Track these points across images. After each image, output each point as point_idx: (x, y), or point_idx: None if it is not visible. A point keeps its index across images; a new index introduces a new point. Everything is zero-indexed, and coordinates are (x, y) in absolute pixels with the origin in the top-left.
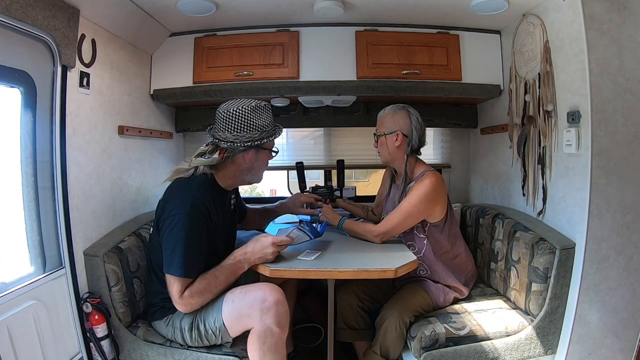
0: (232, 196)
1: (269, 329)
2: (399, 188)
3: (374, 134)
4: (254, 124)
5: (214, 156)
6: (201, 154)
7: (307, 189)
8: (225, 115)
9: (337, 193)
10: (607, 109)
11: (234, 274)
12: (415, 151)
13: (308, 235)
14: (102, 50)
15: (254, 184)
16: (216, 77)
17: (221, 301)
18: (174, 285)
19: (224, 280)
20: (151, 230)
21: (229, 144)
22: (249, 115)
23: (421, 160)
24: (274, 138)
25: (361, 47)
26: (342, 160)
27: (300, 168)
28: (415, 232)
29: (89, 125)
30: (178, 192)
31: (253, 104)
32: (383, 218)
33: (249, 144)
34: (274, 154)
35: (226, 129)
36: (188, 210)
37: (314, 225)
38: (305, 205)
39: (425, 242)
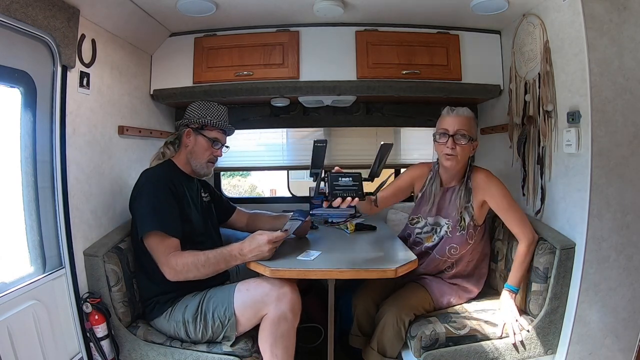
0: (204, 193)
1: (284, 315)
2: (458, 191)
3: (464, 134)
4: (201, 112)
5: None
6: (166, 142)
7: (323, 175)
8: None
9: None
10: (607, 109)
11: (225, 262)
12: None
13: (299, 219)
14: (102, 50)
15: (253, 185)
16: (216, 77)
17: (232, 291)
18: (157, 246)
19: (214, 263)
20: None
21: (178, 124)
22: (200, 105)
23: None
24: (216, 127)
25: (361, 47)
26: (390, 145)
27: (320, 147)
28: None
29: (89, 125)
30: (141, 175)
31: (210, 102)
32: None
33: (187, 121)
34: (217, 145)
35: (184, 117)
36: (150, 178)
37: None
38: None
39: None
